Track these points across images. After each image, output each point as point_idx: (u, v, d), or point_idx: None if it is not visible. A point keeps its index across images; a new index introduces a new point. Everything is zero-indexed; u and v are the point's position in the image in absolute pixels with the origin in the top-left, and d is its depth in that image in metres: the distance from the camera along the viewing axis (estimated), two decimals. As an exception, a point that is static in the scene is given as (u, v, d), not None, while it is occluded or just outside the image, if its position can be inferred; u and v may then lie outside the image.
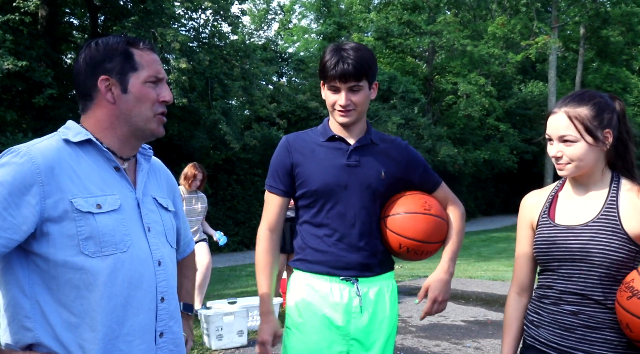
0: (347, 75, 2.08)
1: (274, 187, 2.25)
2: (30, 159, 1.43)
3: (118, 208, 1.52)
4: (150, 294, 1.54)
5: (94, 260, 1.45)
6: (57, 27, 14.75)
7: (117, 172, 1.58)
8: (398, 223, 2.18)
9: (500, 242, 18.07)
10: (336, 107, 2.14)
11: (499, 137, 29.12)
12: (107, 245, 1.47)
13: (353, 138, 2.22)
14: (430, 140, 23.85)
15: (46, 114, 13.04)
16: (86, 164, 1.52)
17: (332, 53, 2.12)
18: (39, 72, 11.93)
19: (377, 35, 27.38)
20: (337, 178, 2.16)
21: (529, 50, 26.53)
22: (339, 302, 2.15)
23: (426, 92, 27.17)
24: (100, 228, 1.46)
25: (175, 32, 13.63)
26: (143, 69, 1.57)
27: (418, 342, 5.49)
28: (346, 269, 2.17)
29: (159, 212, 1.65)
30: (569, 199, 1.95)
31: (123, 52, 1.56)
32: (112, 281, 1.47)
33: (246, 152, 16.82)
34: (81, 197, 1.46)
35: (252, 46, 18.56)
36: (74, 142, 1.53)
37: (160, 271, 1.58)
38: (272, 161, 2.28)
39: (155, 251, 1.58)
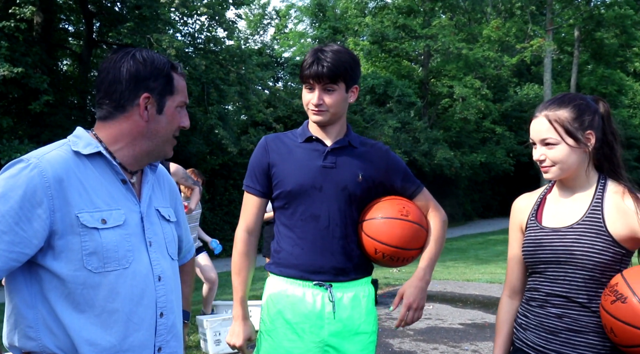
0: (320, 76, 2.10)
1: (251, 187, 2.24)
2: (40, 171, 1.42)
3: (122, 223, 1.51)
4: (151, 309, 1.54)
5: (97, 276, 1.45)
6: (52, 33, 14.74)
7: (123, 186, 1.58)
8: (374, 228, 2.16)
9: (497, 245, 18.07)
10: (309, 106, 2.16)
11: (495, 140, 29.17)
12: (110, 261, 1.47)
13: (330, 140, 2.22)
14: (426, 143, 23.87)
15: (42, 121, 13.02)
16: (94, 176, 1.52)
17: (311, 54, 2.15)
18: (35, 78, 11.91)
19: (372, 39, 27.42)
20: (312, 179, 2.15)
21: (524, 53, 26.61)
22: (312, 309, 2.12)
23: (422, 95, 27.21)
24: (104, 244, 1.46)
25: (171, 38, 13.64)
26: (178, 93, 1.62)
27: (416, 346, 5.49)
28: (319, 273, 2.14)
29: (160, 224, 1.65)
30: (556, 202, 1.96)
31: (167, 74, 1.60)
32: (113, 297, 1.47)
33: (243, 157, 16.81)
34: (87, 212, 1.46)
35: (247, 51, 18.57)
36: (83, 154, 1.53)
37: (160, 286, 1.58)
38: (250, 161, 2.29)
39: (156, 266, 1.58)
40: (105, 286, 1.46)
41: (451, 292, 8.42)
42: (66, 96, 14.96)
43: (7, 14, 11.74)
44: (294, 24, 34.57)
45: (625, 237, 1.80)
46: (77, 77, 15.70)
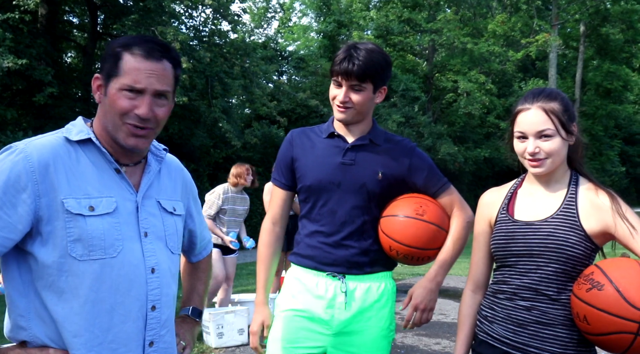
0: (349, 74, 2.09)
1: (277, 180, 2.31)
2: (25, 156, 1.40)
3: (112, 211, 1.47)
4: (139, 301, 1.49)
5: (81, 263, 1.42)
6: (56, 25, 14.74)
7: (117, 174, 1.53)
8: (390, 225, 2.17)
9: (500, 240, 18.07)
10: (335, 102, 2.16)
11: (499, 135, 29.07)
12: (96, 249, 1.43)
13: (353, 137, 2.22)
14: (430, 138, 23.84)
15: (46, 113, 13.04)
16: (86, 163, 1.48)
17: (344, 50, 2.14)
18: (39, 70, 11.93)
19: (377, 33, 27.34)
20: (331, 176, 2.17)
21: (529, 48, 26.51)
22: (324, 295, 2.16)
23: (426, 90, 27.15)
24: (90, 231, 1.42)
25: (175, 31, 13.64)
26: (123, 75, 1.47)
27: (418, 340, 5.49)
28: (333, 265, 2.18)
29: (161, 216, 1.59)
30: (529, 196, 1.96)
31: (115, 54, 1.49)
32: (97, 286, 1.43)
33: (247, 150, 16.83)
34: (74, 198, 1.43)
35: (252, 45, 18.57)
36: (75, 141, 1.50)
37: (152, 279, 1.52)
38: (278, 154, 2.34)
39: (150, 257, 1.52)
40: (90, 274, 1.42)
41: (454, 287, 8.42)
42: (70, 88, 14.97)
43: (11, 6, 11.74)
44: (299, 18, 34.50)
45: (597, 232, 1.82)
46: (81, 69, 15.70)
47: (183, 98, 13.04)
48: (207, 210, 5.72)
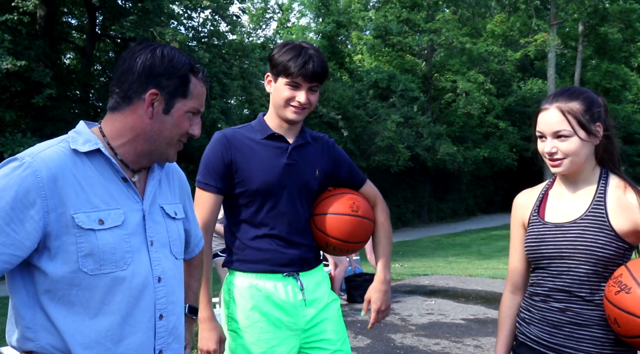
0: (315, 76, 2.11)
1: (210, 185, 2.19)
2: (33, 171, 1.37)
3: (121, 224, 1.46)
4: (149, 312, 1.49)
5: (92, 278, 1.41)
6: (55, 27, 14.74)
7: (124, 184, 1.52)
8: (326, 223, 2.23)
9: (500, 241, 18.06)
10: (293, 103, 2.15)
11: (498, 135, 29.11)
12: (107, 263, 1.42)
13: (291, 137, 2.24)
14: (429, 138, 23.83)
15: (45, 114, 13.03)
16: (93, 174, 1.47)
17: (298, 51, 2.12)
18: (38, 72, 11.92)
19: (376, 34, 27.34)
20: (278, 178, 2.17)
21: (527, 48, 26.52)
22: (285, 299, 2.17)
23: (425, 90, 27.15)
24: (100, 246, 1.41)
25: (174, 32, 13.64)
26: (192, 98, 1.54)
27: (418, 341, 5.49)
28: (288, 265, 2.19)
29: (164, 222, 1.60)
30: (559, 197, 1.96)
31: (183, 76, 1.53)
32: (109, 299, 1.43)
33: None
34: (83, 212, 1.41)
35: (250, 45, 18.57)
36: (82, 152, 1.47)
37: (159, 288, 1.52)
38: (206, 157, 2.24)
39: (157, 266, 1.52)
40: (101, 288, 1.42)
41: (453, 287, 8.42)
42: (69, 90, 14.96)
43: (10, 7, 11.73)
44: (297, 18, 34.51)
45: (627, 231, 1.80)
46: (80, 71, 15.70)
47: (182, 99, 13.02)
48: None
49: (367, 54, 30.08)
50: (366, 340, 5.49)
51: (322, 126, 20.52)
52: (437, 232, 21.58)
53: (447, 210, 28.30)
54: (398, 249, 15.96)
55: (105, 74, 17.07)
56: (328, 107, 19.85)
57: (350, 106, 21.84)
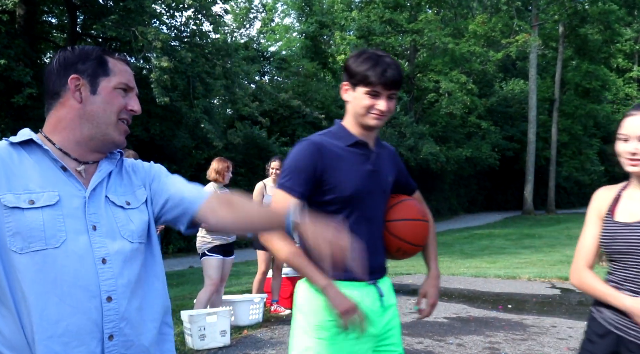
0: (394, 83, 2.15)
1: (295, 190, 2.14)
2: None
3: (54, 204, 1.47)
4: (90, 292, 1.46)
5: (22, 256, 1.42)
6: (35, 26, 14.57)
7: (64, 172, 1.54)
8: (402, 229, 2.28)
9: (482, 240, 18.21)
10: (373, 111, 2.16)
11: (480, 134, 29.32)
12: (36, 240, 1.43)
13: (371, 143, 2.27)
14: (412, 138, 23.95)
15: (25, 114, 12.87)
16: (29, 163, 1.51)
17: (373, 59, 2.15)
18: (18, 71, 11.78)
19: (359, 34, 27.40)
20: (365, 184, 2.20)
21: (509, 49, 26.76)
22: (369, 307, 2.18)
23: (408, 90, 27.28)
24: (28, 223, 1.43)
25: (156, 31, 13.53)
26: (115, 75, 1.59)
27: (406, 340, 5.52)
28: (372, 273, 2.20)
29: (111, 210, 1.58)
30: (631, 199, 2.21)
31: (97, 57, 1.59)
32: (41, 278, 1.42)
33: (229, 151, 16.78)
34: (12, 194, 1.44)
35: (234, 45, 18.50)
36: (17, 143, 1.53)
37: (104, 269, 1.49)
38: (295, 163, 2.18)
39: (99, 248, 1.50)
40: (32, 266, 1.42)
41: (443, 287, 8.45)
42: (50, 89, 14.79)
43: (-12, 6, 11.58)
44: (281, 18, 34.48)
45: None
46: (61, 70, 15.53)
47: (164, 99, 12.93)
48: None
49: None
50: (349, 339, 5.51)
51: (306, 126, 20.54)
52: (420, 231, 21.62)
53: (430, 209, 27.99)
54: (381, 248, 16.01)
55: (87, 74, 16.89)
56: (311, 106, 19.87)
57: (334, 106, 21.89)
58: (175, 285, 9.48)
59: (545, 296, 7.70)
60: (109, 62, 1.59)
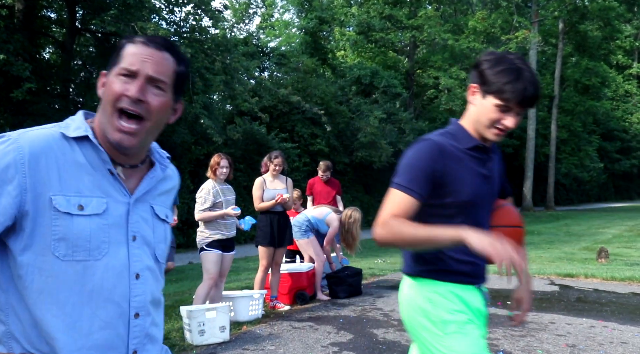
0: (532, 103, 2.04)
1: (414, 191, 2.04)
2: (16, 147, 1.36)
3: (102, 213, 1.42)
4: (121, 308, 1.44)
5: (64, 263, 1.37)
6: (34, 21, 14.53)
7: (111, 175, 1.47)
8: (505, 235, 2.20)
9: (481, 236, 18.20)
10: (498, 125, 2.07)
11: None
12: (80, 250, 1.38)
13: (489, 147, 2.21)
14: (412, 134, 23.93)
15: (25, 109, 12.86)
16: (81, 161, 1.43)
17: (513, 73, 2.00)
18: (17, 66, 11.76)
19: (358, 30, 27.38)
20: (481, 190, 2.15)
21: (509, 45, 26.72)
22: (481, 310, 2.20)
23: (408, 86, 27.26)
24: (75, 231, 1.37)
25: (155, 26, 13.53)
26: (122, 61, 1.44)
27: (400, 335, 5.52)
28: (481, 277, 2.21)
29: (152, 222, 1.54)
30: None
31: (120, 46, 1.47)
32: (79, 289, 1.39)
33: (228, 147, 16.77)
34: (63, 195, 1.37)
35: (233, 40, 18.48)
36: (72, 137, 1.44)
37: (136, 285, 1.47)
38: (415, 162, 2.08)
39: (135, 262, 1.47)
40: (71, 276, 1.38)
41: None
42: (49, 85, 14.78)
43: (-13, 1, 11.56)
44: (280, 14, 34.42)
45: None
46: (60, 66, 15.51)
47: (164, 94, 12.92)
48: (202, 205, 5.71)
49: (350, 50, 30.11)
50: (349, 336, 5.52)
51: (305, 122, 20.53)
52: (419, 228, 21.65)
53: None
54: (380, 244, 16.00)
55: (86, 69, 16.89)
56: (311, 102, 19.86)
57: (333, 102, 21.87)
58: (175, 281, 9.48)
59: (544, 293, 7.71)
60: (125, 48, 1.46)
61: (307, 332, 5.66)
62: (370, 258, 12.06)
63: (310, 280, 7.28)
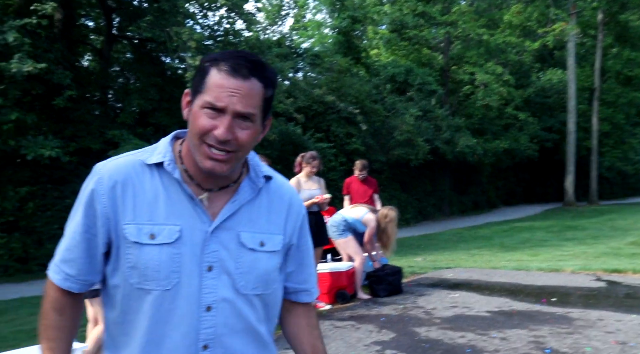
0: None
1: None
2: (98, 179, 1.42)
3: (173, 241, 1.39)
4: (189, 339, 1.40)
5: (137, 291, 1.40)
6: (73, 30, 14.85)
7: (191, 201, 1.43)
8: None
9: (523, 232, 17.89)
10: None
11: (518, 126, 28.83)
12: (150, 280, 1.38)
13: None
14: (448, 131, 23.68)
15: (66, 116, 13.15)
16: (157, 187, 1.42)
17: None
18: (58, 74, 12.03)
19: (391, 28, 27.20)
20: None
21: (546, 38, 26.22)
22: None
23: (443, 83, 26.97)
24: (144, 261, 1.38)
25: (190, 31, 13.66)
26: (206, 92, 1.36)
27: (443, 334, 5.44)
28: None
29: (236, 251, 1.45)
30: None
31: (202, 69, 1.39)
32: (149, 316, 1.40)
33: (264, 148, 16.83)
34: (135, 224, 1.39)
35: (266, 42, 18.56)
36: (153, 164, 1.44)
37: (207, 317, 1.41)
38: None
39: (207, 294, 1.41)
40: (144, 303, 1.40)
41: (477, 280, 8.34)
42: (88, 91, 15.08)
43: (28, 11, 11.84)
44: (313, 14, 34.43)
45: None
46: (99, 73, 15.82)
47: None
48: None
49: (384, 49, 29.93)
50: (391, 334, 5.46)
51: (341, 121, 20.48)
52: (458, 225, 21.43)
53: (468, 203, 28.10)
54: (419, 242, 15.87)
55: (123, 75, 17.19)
56: (346, 101, 19.80)
57: (368, 101, 21.77)
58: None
59: (591, 289, 7.50)
60: (209, 74, 1.37)
61: (349, 331, 5.62)
62: (409, 257, 11.95)
63: (350, 279, 7.24)
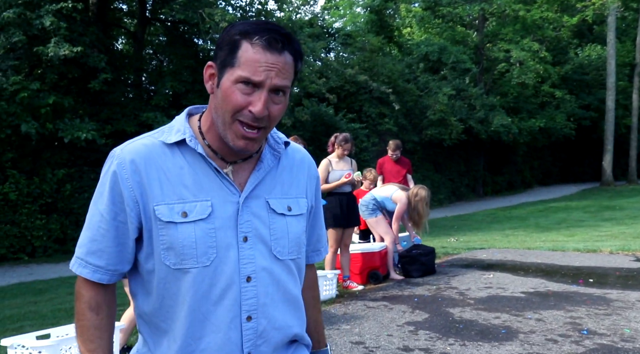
0: None
1: None
2: (119, 163, 1.39)
3: (207, 217, 1.39)
4: (233, 312, 1.42)
5: (175, 272, 1.39)
6: (107, 13, 15.02)
7: (217, 174, 1.42)
8: None
9: (558, 213, 17.61)
10: None
11: (554, 104, 28.22)
12: (188, 258, 1.38)
13: None
14: (482, 110, 23.31)
15: (101, 99, 13.36)
16: (182, 165, 1.42)
17: None
18: (93, 57, 12.20)
19: (425, 5, 26.78)
20: None
21: (585, 12, 25.47)
22: None
23: (477, 61, 26.50)
24: (181, 240, 1.37)
25: (222, 12, 13.68)
26: (240, 66, 1.32)
27: (477, 314, 5.41)
28: None
29: (268, 218, 1.47)
30: None
31: (231, 42, 1.35)
32: (191, 295, 1.40)
33: (297, 129, 16.85)
34: (166, 204, 1.38)
35: (298, 22, 18.48)
36: (172, 143, 1.43)
37: (248, 288, 1.43)
38: None
39: (246, 265, 1.42)
40: (185, 282, 1.39)
41: (512, 260, 8.25)
42: (122, 74, 15.27)
43: (63, -5, 12.00)
44: (344, -7, 34.07)
45: None
46: (132, 56, 15.99)
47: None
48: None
49: (417, 27, 29.51)
50: (424, 315, 5.46)
51: (373, 101, 20.35)
52: (492, 205, 21.20)
53: (503, 183, 27.73)
54: (453, 223, 15.76)
55: (157, 58, 17.34)
56: (378, 81, 19.65)
57: (401, 80, 21.55)
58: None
59: (630, 270, 7.36)
60: (241, 48, 1.34)
61: (382, 311, 5.63)
62: (442, 237, 11.89)
63: (382, 260, 7.25)
